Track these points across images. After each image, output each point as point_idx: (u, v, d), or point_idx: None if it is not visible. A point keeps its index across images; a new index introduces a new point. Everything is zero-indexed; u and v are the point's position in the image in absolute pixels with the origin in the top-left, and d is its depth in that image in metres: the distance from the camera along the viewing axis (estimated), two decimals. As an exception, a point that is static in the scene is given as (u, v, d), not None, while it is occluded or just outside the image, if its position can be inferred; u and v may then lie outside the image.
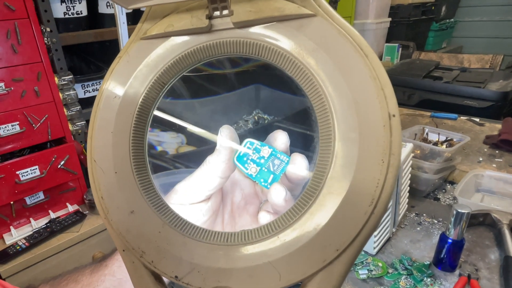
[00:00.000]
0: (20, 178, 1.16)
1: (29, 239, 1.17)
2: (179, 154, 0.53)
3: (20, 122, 1.16)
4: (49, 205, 1.31)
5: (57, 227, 1.22)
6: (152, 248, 0.27)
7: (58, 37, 1.27)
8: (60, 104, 1.25)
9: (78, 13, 1.36)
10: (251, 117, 0.69)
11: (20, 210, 1.24)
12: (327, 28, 0.25)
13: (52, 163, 1.23)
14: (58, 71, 1.29)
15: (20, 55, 1.12)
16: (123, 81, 0.30)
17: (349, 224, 0.23)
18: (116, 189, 0.28)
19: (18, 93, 1.13)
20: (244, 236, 0.26)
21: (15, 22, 1.09)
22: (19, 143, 1.18)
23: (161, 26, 0.29)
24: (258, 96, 0.67)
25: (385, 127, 0.23)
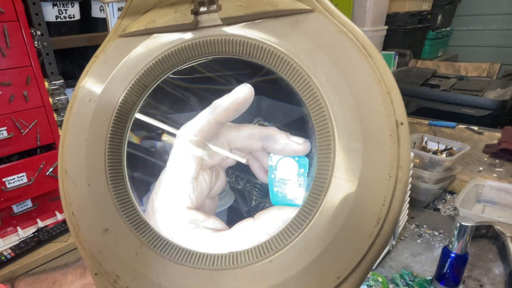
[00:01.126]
0: (7, 186, 1.12)
1: (15, 249, 1.12)
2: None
3: (8, 128, 1.12)
4: (37, 213, 1.27)
5: (45, 237, 1.17)
6: (128, 272, 0.24)
7: (49, 40, 1.24)
8: (50, 109, 1.22)
9: (71, 16, 1.33)
10: (253, 124, 0.71)
11: (7, 218, 1.20)
12: (326, 25, 0.22)
13: (40, 170, 1.19)
14: (49, 75, 1.26)
15: (9, 58, 1.09)
16: (99, 82, 0.27)
17: (352, 247, 0.20)
18: (88, 204, 0.25)
19: (6, 97, 1.10)
20: (232, 259, 0.22)
21: (4, 25, 1.06)
22: (7, 149, 1.14)
23: (141, 22, 0.26)
24: (259, 106, 0.69)
25: (392, 136, 0.20)
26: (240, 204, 0.74)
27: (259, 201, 0.74)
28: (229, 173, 0.74)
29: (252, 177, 0.71)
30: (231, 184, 0.75)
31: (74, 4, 1.33)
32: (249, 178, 0.74)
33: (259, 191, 0.74)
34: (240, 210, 0.73)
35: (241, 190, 0.75)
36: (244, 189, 0.76)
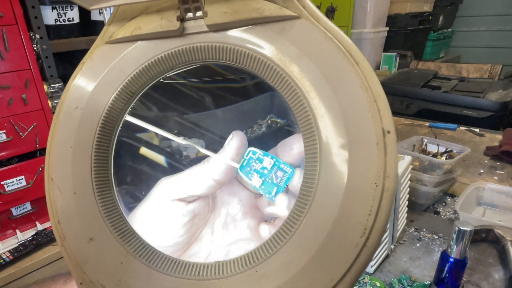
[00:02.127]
0: (5, 189, 1.12)
1: (13, 252, 1.12)
2: (195, 158, 0.55)
3: (7, 131, 1.12)
4: (37, 216, 1.27)
5: (44, 240, 1.17)
6: (113, 281, 0.23)
7: (49, 44, 1.24)
8: (49, 112, 1.22)
9: (70, 20, 1.33)
10: (265, 121, 0.71)
11: (6, 221, 1.20)
12: (312, 32, 0.22)
13: (39, 173, 1.19)
14: (48, 78, 1.26)
15: (8, 61, 1.09)
16: (85, 89, 0.26)
17: (337, 258, 0.20)
18: (74, 212, 0.25)
19: (5, 100, 1.10)
20: (217, 268, 0.22)
21: (2, 29, 1.06)
22: (6, 152, 1.14)
23: (128, 29, 0.26)
24: (272, 102, 0.68)
25: (378, 145, 0.20)
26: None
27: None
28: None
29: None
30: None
31: (74, 7, 1.33)
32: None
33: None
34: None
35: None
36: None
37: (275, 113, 0.70)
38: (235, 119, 0.60)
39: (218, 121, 0.56)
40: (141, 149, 0.33)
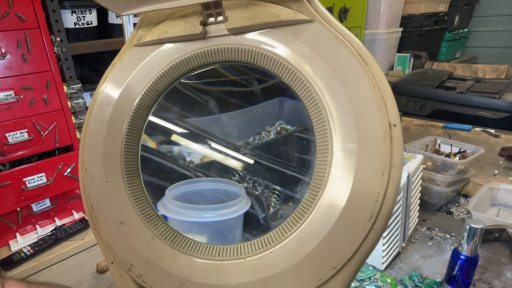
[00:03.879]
0: (27, 185, 1.17)
1: (34, 246, 1.17)
2: (201, 164, 0.55)
3: (29, 130, 1.17)
4: (55, 212, 1.31)
5: (62, 235, 1.22)
6: (141, 261, 0.26)
7: (68, 46, 1.29)
8: (68, 112, 1.26)
9: (88, 23, 1.38)
10: (274, 127, 0.70)
11: (27, 217, 1.25)
12: (324, 34, 0.24)
13: (59, 171, 1.24)
14: (67, 79, 1.30)
15: (30, 64, 1.14)
16: (116, 88, 0.29)
17: (346, 240, 0.22)
18: (106, 199, 0.27)
19: (27, 101, 1.15)
20: (236, 251, 0.24)
21: (25, 32, 1.11)
22: (27, 150, 1.19)
23: (155, 33, 0.28)
24: (282, 108, 0.68)
25: (385, 137, 0.22)
26: (257, 210, 0.68)
27: (278, 208, 0.69)
28: (246, 179, 0.71)
29: (270, 182, 0.68)
30: (247, 190, 0.71)
31: (92, 11, 1.38)
32: (267, 184, 0.70)
33: (277, 197, 0.70)
34: (256, 217, 0.68)
35: (258, 196, 0.70)
36: (261, 195, 0.71)
37: (284, 119, 0.70)
38: (242, 124, 0.60)
39: (224, 126, 0.56)
40: (172, 136, 0.36)
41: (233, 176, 0.62)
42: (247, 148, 0.64)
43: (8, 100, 1.10)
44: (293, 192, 0.60)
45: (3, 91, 1.10)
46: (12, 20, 1.07)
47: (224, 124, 0.56)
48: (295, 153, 0.65)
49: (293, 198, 0.62)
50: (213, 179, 0.54)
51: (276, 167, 0.64)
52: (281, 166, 0.63)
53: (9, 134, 1.13)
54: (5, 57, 1.08)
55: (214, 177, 0.54)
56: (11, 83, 1.11)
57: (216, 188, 0.55)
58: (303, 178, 0.55)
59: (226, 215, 0.47)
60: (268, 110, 0.64)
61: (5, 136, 1.12)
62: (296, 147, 0.65)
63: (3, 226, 1.19)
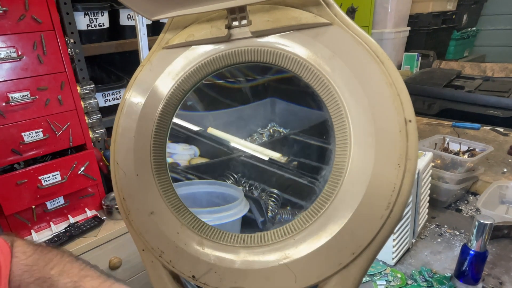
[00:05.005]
0: (42, 183, 1.20)
1: (48, 243, 1.20)
2: (192, 165, 0.53)
3: (44, 129, 1.20)
4: (69, 210, 1.34)
5: (76, 232, 1.24)
6: (171, 248, 0.28)
7: (81, 48, 1.32)
8: (82, 112, 1.29)
9: (101, 25, 1.41)
10: (266, 130, 0.68)
11: (41, 214, 1.28)
12: (343, 36, 0.26)
13: (73, 169, 1.26)
14: (80, 80, 1.33)
15: (45, 65, 1.17)
16: (145, 88, 0.31)
17: (365, 227, 0.23)
18: (137, 191, 0.29)
19: (42, 101, 1.18)
20: (261, 238, 0.26)
21: (41, 34, 1.14)
22: (42, 149, 1.22)
23: (182, 36, 0.30)
24: (273, 110, 0.66)
25: (401, 132, 0.23)
26: (256, 213, 0.67)
27: (276, 212, 0.66)
28: (242, 182, 0.68)
29: (267, 185, 0.66)
30: (245, 192, 0.69)
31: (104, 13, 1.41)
32: (264, 187, 0.68)
33: (275, 201, 0.68)
34: (255, 220, 0.66)
35: (257, 199, 0.68)
36: (259, 198, 0.68)
37: (276, 121, 0.67)
38: (232, 124, 0.58)
39: (213, 125, 0.54)
40: (208, 128, 0.38)
41: (228, 179, 0.60)
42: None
43: (24, 101, 1.13)
44: (291, 196, 0.59)
45: (20, 92, 1.13)
46: (28, 23, 1.10)
47: (211, 123, 0.53)
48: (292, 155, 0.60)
49: (290, 201, 0.60)
50: (209, 181, 0.52)
51: (273, 169, 0.61)
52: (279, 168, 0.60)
53: (25, 133, 1.16)
54: (21, 59, 1.11)
55: (208, 179, 0.51)
56: (27, 84, 1.14)
57: (210, 191, 0.53)
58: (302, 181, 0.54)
59: (224, 218, 0.45)
60: (259, 111, 0.62)
61: (21, 136, 1.16)
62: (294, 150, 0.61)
63: (18, 223, 1.23)
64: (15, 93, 1.12)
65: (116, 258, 1.29)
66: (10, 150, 1.15)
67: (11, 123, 1.13)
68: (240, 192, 0.57)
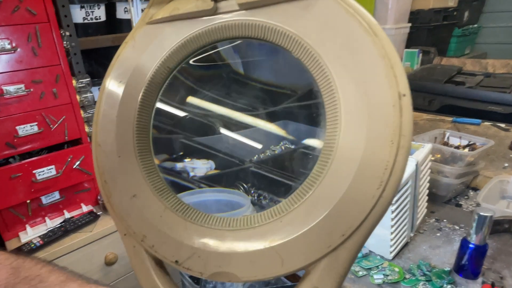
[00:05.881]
0: (37, 177, 1.19)
1: (43, 237, 1.19)
2: (206, 176, 0.57)
3: (38, 123, 1.19)
4: (64, 205, 1.33)
5: (71, 227, 1.23)
6: (153, 232, 0.26)
7: (77, 41, 1.30)
8: (77, 106, 1.28)
9: (97, 18, 1.39)
10: (278, 147, 0.74)
11: (36, 209, 1.27)
12: (335, 8, 0.24)
13: (68, 163, 1.25)
14: (76, 74, 1.32)
15: (40, 58, 1.15)
16: (128, 66, 0.29)
17: (355, 208, 0.22)
18: (119, 173, 0.28)
19: (37, 94, 1.17)
20: (246, 221, 0.25)
21: (36, 26, 1.12)
22: (37, 143, 1.21)
23: (166, 10, 0.29)
24: (286, 130, 0.70)
25: (394, 106, 0.22)
26: None
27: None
28: (251, 191, 0.73)
29: (275, 195, 0.69)
30: (254, 201, 0.74)
31: (100, 6, 1.39)
32: (272, 197, 0.73)
33: None
34: None
35: (263, 206, 0.73)
36: (268, 206, 0.71)
37: (288, 140, 0.72)
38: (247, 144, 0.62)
39: (229, 144, 0.58)
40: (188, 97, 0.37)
41: (238, 189, 0.63)
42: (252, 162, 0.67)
43: (18, 93, 1.12)
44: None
45: (14, 85, 1.11)
46: (22, 15, 1.09)
47: (229, 143, 0.58)
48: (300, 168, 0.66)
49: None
50: (218, 189, 0.55)
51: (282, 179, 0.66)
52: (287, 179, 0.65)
53: (20, 127, 1.15)
54: (15, 51, 1.10)
55: (216, 187, 0.55)
56: (21, 77, 1.13)
57: (219, 199, 0.56)
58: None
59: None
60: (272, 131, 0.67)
61: (15, 129, 1.14)
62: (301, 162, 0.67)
63: (13, 217, 1.22)
64: (9, 86, 1.10)
65: (112, 253, 1.28)
66: (5, 143, 1.13)
67: (5, 116, 1.12)
68: (247, 200, 0.59)
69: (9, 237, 1.21)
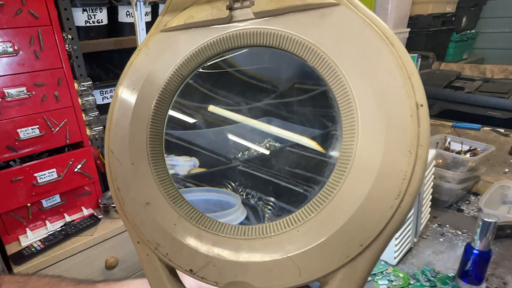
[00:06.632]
0: (38, 181, 1.18)
1: (44, 241, 1.18)
2: (191, 175, 0.54)
3: (40, 126, 1.18)
4: (65, 209, 1.33)
5: (72, 230, 1.23)
6: (167, 240, 0.26)
7: (79, 44, 1.30)
8: (79, 109, 1.27)
9: (99, 21, 1.39)
10: (263, 144, 0.69)
11: (37, 212, 1.26)
12: (351, 17, 0.24)
13: (69, 167, 1.25)
14: (78, 77, 1.32)
15: (42, 60, 1.15)
16: (142, 73, 0.29)
17: (374, 218, 0.22)
18: (132, 180, 0.28)
19: (39, 97, 1.16)
20: (262, 230, 0.25)
21: (38, 29, 1.12)
22: (38, 146, 1.20)
23: (181, 18, 0.29)
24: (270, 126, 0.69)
25: (412, 117, 0.22)
26: (252, 220, 0.67)
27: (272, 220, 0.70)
28: (239, 190, 0.69)
29: (264, 194, 0.68)
30: (242, 200, 0.75)
31: (102, 10, 1.40)
32: (260, 196, 0.67)
33: (272, 209, 0.66)
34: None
35: (254, 206, 0.68)
36: (256, 205, 0.68)
37: (272, 137, 0.68)
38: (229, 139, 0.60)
39: (211, 141, 0.56)
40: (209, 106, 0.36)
41: (225, 188, 0.61)
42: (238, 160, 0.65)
43: (20, 96, 1.12)
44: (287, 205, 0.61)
45: (16, 87, 1.11)
46: (25, 18, 1.09)
47: (211, 139, 0.56)
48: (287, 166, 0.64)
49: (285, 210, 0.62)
50: (206, 188, 0.54)
51: (270, 178, 0.63)
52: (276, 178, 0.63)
53: (21, 130, 1.14)
54: (17, 54, 1.10)
55: (204, 186, 0.54)
56: (23, 80, 1.12)
57: (208, 199, 0.54)
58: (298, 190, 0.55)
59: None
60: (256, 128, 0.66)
61: (16, 132, 1.14)
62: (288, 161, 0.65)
63: (13, 221, 1.21)
64: (11, 89, 1.10)
65: (112, 257, 1.27)
66: (6, 146, 1.13)
67: (6, 119, 1.12)
68: (238, 199, 0.58)
69: (9, 241, 1.21)
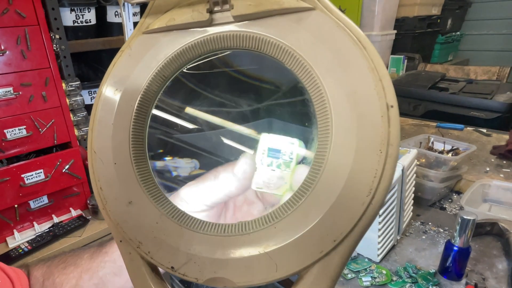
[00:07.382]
0: (25, 181, 1.17)
1: (31, 243, 1.17)
2: (190, 176, 0.56)
3: (27, 126, 1.17)
4: (53, 210, 1.32)
5: (60, 231, 1.22)
6: (149, 239, 0.27)
7: (67, 44, 1.29)
8: (67, 109, 1.27)
9: (87, 21, 1.38)
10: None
11: (24, 213, 1.25)
12: (325, 21, 0.25)
13: (57, 167, 1.24)
14: (66, 77, 1.31)
15: (29, 60, 1.14)
16: (124, 74, 0.30)
17: (346, 214, 0.23)
18: (115, 180, 0.28)
19: (26, 97, 1.15)
20: (241, 227, 0.25)
21: (25, 29, 1.11)
22: (25, 147, 1.19)
23: (163, 20, 0.29)
24: (270, 128, 0.70)
25: (383, 117, 0.23)
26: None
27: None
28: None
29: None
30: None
31: (91, 10, 1.39)
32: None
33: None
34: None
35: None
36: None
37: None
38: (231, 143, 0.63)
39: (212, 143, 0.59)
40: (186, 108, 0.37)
41: None
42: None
43: (7, 96, 1.11)
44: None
45: (2, 88, 1.10)
46: (11, 17, 1.08)
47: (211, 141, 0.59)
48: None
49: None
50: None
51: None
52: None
53: (8, 130, 1.13)
54: (4, 54, 1.09)
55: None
56: (10, 80, 1.11)
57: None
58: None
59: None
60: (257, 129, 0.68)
61: (3, 133, 1.13)
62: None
63: (0, 222, 1.20)
64: (-3, 89, 1.09)
65: (100, 258, 1.27)
66: (-9, 147, 1.12)
67: (-8, 119, 1.10)
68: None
69: (-5, 243, 1.19)
